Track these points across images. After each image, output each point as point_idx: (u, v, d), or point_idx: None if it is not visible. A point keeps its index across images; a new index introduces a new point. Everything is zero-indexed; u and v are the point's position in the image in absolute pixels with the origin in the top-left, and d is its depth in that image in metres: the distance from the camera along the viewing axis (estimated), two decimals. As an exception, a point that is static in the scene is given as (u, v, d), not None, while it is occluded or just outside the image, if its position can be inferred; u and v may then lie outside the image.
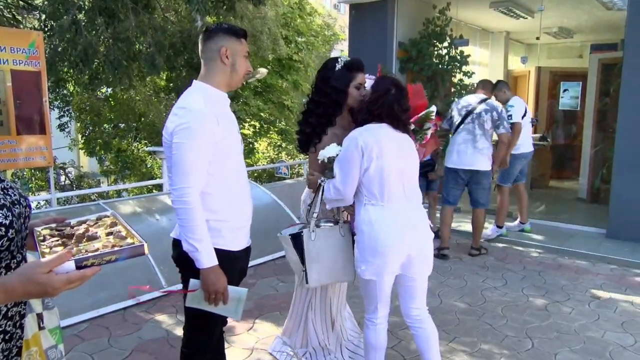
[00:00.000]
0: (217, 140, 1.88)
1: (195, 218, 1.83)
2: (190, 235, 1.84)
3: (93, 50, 7.01)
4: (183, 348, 2.15)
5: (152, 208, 4.94)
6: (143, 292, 3.81)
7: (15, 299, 1.08)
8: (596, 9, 7.34)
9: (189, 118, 1.84)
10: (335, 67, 2.54)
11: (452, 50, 7.48)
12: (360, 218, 2.37)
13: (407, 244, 2.33)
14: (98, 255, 1.10)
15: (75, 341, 3.24)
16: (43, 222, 1.39)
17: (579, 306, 3.94)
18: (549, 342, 3.35)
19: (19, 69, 4.11)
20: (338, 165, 2.37)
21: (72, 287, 1.06)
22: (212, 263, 1.87)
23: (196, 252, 1.85)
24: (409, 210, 2.39)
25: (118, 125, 13.43)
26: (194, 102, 1.89)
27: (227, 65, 1.96)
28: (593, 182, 7.48)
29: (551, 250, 5.36)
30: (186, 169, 1.84)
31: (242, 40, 2.00)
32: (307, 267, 2.46)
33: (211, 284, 1.87)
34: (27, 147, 4.25)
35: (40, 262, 1.05)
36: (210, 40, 1.97)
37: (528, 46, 10.55)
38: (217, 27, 1.99)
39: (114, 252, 1.13)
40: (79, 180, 13.72)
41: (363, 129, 2.36)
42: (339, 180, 2.35)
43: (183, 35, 8.53)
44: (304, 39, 15.69)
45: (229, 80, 2.00)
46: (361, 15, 7.28)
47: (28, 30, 6.13)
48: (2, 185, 1.24)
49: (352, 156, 2.31)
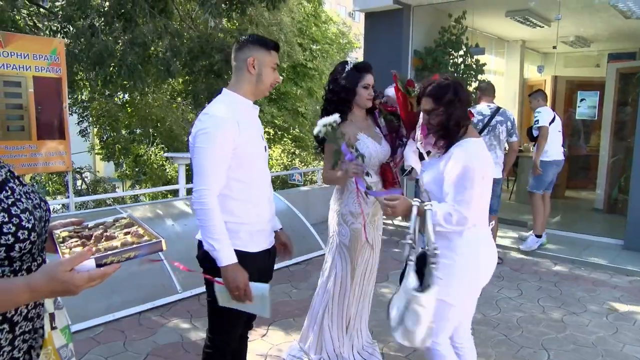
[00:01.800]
0: (238, 145, 1.96)
1: (212, 218, 1.92)
2: (209, 234, 1.93)
3: (109, 53, 7.11)
4: (205, 348, 2.22)
5: (168, 213, 4.99)
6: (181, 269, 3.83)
7: (39, 298, 1.11)
8: (614, 18, 7.27)
9: (209, 124, 1.95)
10: (345, 69, 2.73)
11: (468, 59, 7.46)
12: (463, 241, 2.15)
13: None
14: (117, 252, 1.13)
15: (91, 344, 3.27)
16: (61, 224, 1.42)
17: (596, 318, 3.89)
18: (565, 354, 3.30)
19: (41, 75, 4.19)
20: (461, 186, 2.07)
21: (93, 285, 1.08)
22: (230, 261, 1.94)
23: (215, 251, 1.93)
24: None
25: (134, 130, 13.60)
26: (216, 109, 2.00)
27: (253, 74, 2.05)
28: (610, 192, 7.38)
29: (567, 261, 5.29)
30: (204, 172, 1.94)
31: (271, 52, 2.07)
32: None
33: (231, 281, 1.94)
34: (47, 151, 4.32)
35: (62, 261, 1.07)
36: (240, 50, 2.07)
37: (544, 55, 10.48)
38: (248, 38, 2.08)
39: (132, 248, 1.15)
40: (95, 184, 13.88)
41: (478, 141, 2.20)
42: (465, 204, 2.06)
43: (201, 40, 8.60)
44: (319, 47, 15.78)
45: (255, 89, 2.09)
46: (376, 23, 7.30)
47: (50, 38, 6.25)
48: (24, 189, 1.26)
49: (479, 181, 2.07)
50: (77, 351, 3.14)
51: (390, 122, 2.85)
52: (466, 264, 2.16)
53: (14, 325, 1.19)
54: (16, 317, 1.20)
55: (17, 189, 1.22)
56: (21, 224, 1.14)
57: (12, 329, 1.18)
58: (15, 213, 1.15)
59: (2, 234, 1.10)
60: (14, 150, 4.14)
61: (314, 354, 2.96)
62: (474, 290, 2.25)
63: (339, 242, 2.79)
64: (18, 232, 1.13)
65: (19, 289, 1.05)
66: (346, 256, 2.78)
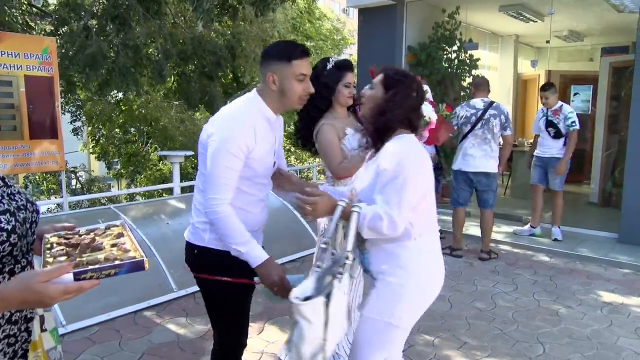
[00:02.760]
0: (251, 156, 1.89)
1: (231, 224, 1.86)
2: (232, 240, 1.87)
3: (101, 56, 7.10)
4: (212, 355, 2.19)
5: (163, 212, 4.97)
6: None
7: (11, 308, 1.09)
8: (607, 12, 7.29)
9: (224, 129, 1.87)
10: (326, 67, 2.69)
11: (462, 54, 7.47)
12: (407, 255, 1.89)
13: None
14: (97, 269, 1.10)
15: (87, 344, 3.26)
16: (53, 228, 1.40)
17: (591, 311, 3.91)
18: (560, 347, 3.32)
19: (32, 75, 4.17)
20: (393, 191, 1.78)
21: (68, 298, 1.06)
22: (261, 259, 1.88)
23: (244, 255, 1.88)
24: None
25: (129, 130, 13.55)
26: (233, 112, 1.93)
27: (275, 91, 1.95)
28: (604, 186, 7.41)
29: (562, 255, 5.32)
30: (218, 180, 1.86)
31: (292, 61, 1.91)
32: (329, 336, 1.70)
33: (266, 277, 1.89)
34: (40, 151, 4.30)
35: (39, 272, 1.05)
36: (261, 65, 1.97)
37: (538, 49, 10.50)
38: (266, 51, 1.98)
39: (113, 266, 1.13)
40: (90, 184, 13.84)
41: (411, 140, 1.90)
42: (395, 206, 1.77)
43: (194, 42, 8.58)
44: (313, 44, 15.75)
45: (279, 104, 1.99)
46: (370, 19, 7.29)
47: (41, 37, 6.21)
48: (8, 190, 1.25)
49: (416, 180, 1.81)
50: (73, 351, 3.14)
51: None
52: (415, 282, 1.90)
53: None
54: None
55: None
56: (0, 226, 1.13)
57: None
58: None
59: None
60: (6, 150, 4.12)
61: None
62: (421, 311, 1.98)
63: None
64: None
65: None
66: None
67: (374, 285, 1.95)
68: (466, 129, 5.02)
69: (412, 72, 7.15)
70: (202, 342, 3.32)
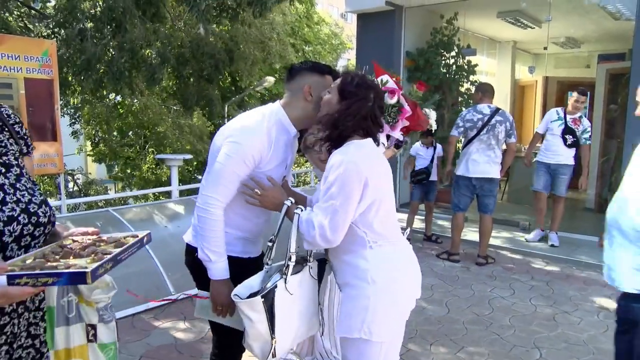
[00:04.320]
0: (261, 167, 1.88)
1: (214, 229, 1.85)
2: (207, 244, 1.85)
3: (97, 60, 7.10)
4: (212, 355, 2.19)
5: (162, 215, 4.98)
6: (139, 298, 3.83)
7: None
8: (604, 19, 7.35)
9: (242, 136, 1.86)
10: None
11: (460, 60, 7.51)
12: (365, 265, 1.78)
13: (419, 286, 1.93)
14: (33, 275, 1.05)
15: (84, 347, 3.26)
16: (80, 232, 1.38)
17: (587, 317, 3.92)
18: (557, 352, 3.33)
19: (32, 77, 4.17)
20: (327, 200, 1.72)
21: (3, 302, 1.03)
22: (223, 276, 1.88)
23: (210, 263, 1.87)
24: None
25: (127, 133, 13.55)
26: (254, 121, 1.91)
27: (311, 102, 1.94)
28: (601, 192, 7.45)
29: (559, 260, 5.34)
30: (220, 181, 1.85)
31: (325, 76, 1.97)
32: (277, 334, 1.77)
33: (219, 295, 1.89)
34: (39, 154, 4.30)
35: None
36: (293, 78, 1.97)
37: (535, 56, 10.56)
38: (301, 66, 2.00)
39: (51, 274, 1.07)
40: (87, 186, 13.82)
41: (360, 147, 1.80)
42: (326, 214, 1.71)
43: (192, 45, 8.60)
44: (311, 48, 15.79)
45: (308, 118, 1.97)
46: (369, 24, 7.33)
47: (42, 39, 6.22)
48: None
49: (353, 188, 1.70)
50: None
51: None
52: (379, 292, 1.77)
53: None
54: None
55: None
56: None
57: None
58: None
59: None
60: (5, 152, 4.11)
61: (305, 354, 2.97)
62: (397, 322, 1.86)
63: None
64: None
65: None
66: None
67: (341, 301, 1.87)
68: (472, 133, 5.02)
69: (410, 77, 7.23)
70: (200, 345, 3.32)
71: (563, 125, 5.55)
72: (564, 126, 5.55)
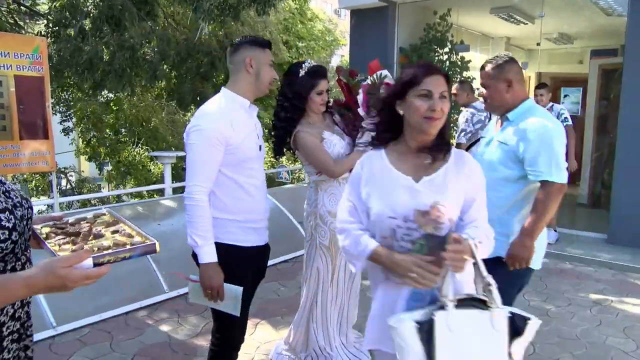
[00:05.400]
0: (231, 143, 1.98)
1: (200, 215, 1.95)
2: (194, 230, 1.95)
3: (98, 58, 7.08)
4: (211, 346, 2.23)
5: (155, 213, 4.96)
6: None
7: (35, 293, 1.11)
8: (596, 15, 7.37)
9: (202, 121, 1.98)
10: (299, 73, 2.60)
11: (453, 56, 7.50)
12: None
13: None
14: (113, 253, 1.15)
15: (77, 345, 3.24)
16: (41, 220, 1.40)
17: (580, 311, 3.94)
18: (550, 347, 3.34)
19: (23, 74, 4.13)
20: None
21: (87, 284, 1.09)
22: (211, 259, 1.96)
23: (197, 247, 1.96)
24: None
25: (120, 131, 13.47)
26: (211, 107, 2.04)
27: (252, 74, 2.08)
28: (594, 187, 7.49)
29: (552, 255, 5.35)
30: (196, 168, 1.97)
31: (266, 50, 2.10)
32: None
33: (207, 279, 1.97)
34: (30, 152, 4.26)
35: (61, 258, 1.09)
36: (236, 52, 2.09)
37: (528, 52, 10.58)
38: (242, 40, 2.12)
39: (127, 250, 1.18)
40: (80, 185, 13.73)
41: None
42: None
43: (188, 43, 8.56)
44: (305, 44, 15.75)
45: (254, 89, 2.11)
46: (362, 20, 7.31)
47: (32, 36, 6.16)
48: (3, 188, 1.24)
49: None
50: (63, 353, 3.12)
51: (345, 116, 2.80)
52: None
53: (1, 327, 1.17)
54: (2, 317, 1.19)
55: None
56: (1, 224, 1.13)
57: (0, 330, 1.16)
58: None
59: None
60: (-4, 150, 4.08)
61: (300, 351, 2.97)
62: None
63: (318, 243, 2.74)
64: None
65: (16, 283, 1.05)
66: (326, 256, 2.77)
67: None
68: (482, 132, 4.94)
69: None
70: (194, 343, 3.31)
71: None
72: None
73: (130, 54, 7.32)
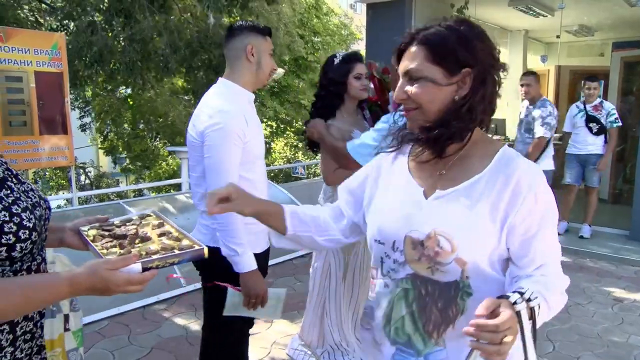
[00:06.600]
0: (247, 141, 1.87)
1: (234, 222, 1.80)
2: (230, 239, 1.82)
3: (109, 51, 7.11)
4: (203, 341, 2.17)
5: (172, 207, 4.99)
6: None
7: (79, 293, 1.10)
8: (618, 6, 7.19)
9: (221, 119, 1.82)
10: (334, 62, 2.60)
11: (471, 49, 7.40)
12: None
13: None
14: (162, 258, 1.13)
15: (96, 338, 3.28)
16: (87, 221, 1.39)
17: (601, 309, 3.87)
18: (570, 345, 3.29)
19: (42, 70, 4.19)
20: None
21: (131, 290, 1.07)
22: (252, 267, 1.85)
23: (237, 257, 1.83)
24: None
25: (138, 125, 13.61)
26: (223, 103, 1.89)
27: (253, 63, 1.94)
28: (615, 182, 7.34)
29: (572, 252, 5.27)
30: (222, 171, 1.82)
31: (267, 37, 1.96)
32: None
33: (252, 288, 1.85)
34: (50, 147, 4.33)
35: (108, 260, 1.08)
36: (234, 38, 1.93)
37: (548, 45, 10.39)
38: (242, 25, 1.96)
39: (176, 255, 1.16)
40: (98, 179, 13.93)
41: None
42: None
43: (200, 35, 8.58)
44: (320, 39, 15.70)
45: (255, 79, 1.98)
46: (378, 14, 7.25)
47: (51, 32, 6.24)
48: (23, 187, 1.24)
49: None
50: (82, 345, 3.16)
51: (375, 114, 2.76)
52: None
53: (15, 326, 1.17)
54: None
55: (15, 188, 1.19)
56: (22, 223, 1.12)
57: (13, 329, 1.16)
58: (16, 212, 1.12)
59: (4, 234, 1.08)
60: (16, 145, 4.15)
61: (315, 346, 2.97)
62: None
63: None
64: (19, 232, 1.11)
65: (61, 283, 1.05)
66: (339, 250, 2.75)
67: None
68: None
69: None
70: (211, 337, 3.33)
71: (585, 115, 5.54)
72: (585, 116, 5.54)
73: (140, 46, 7.35)
